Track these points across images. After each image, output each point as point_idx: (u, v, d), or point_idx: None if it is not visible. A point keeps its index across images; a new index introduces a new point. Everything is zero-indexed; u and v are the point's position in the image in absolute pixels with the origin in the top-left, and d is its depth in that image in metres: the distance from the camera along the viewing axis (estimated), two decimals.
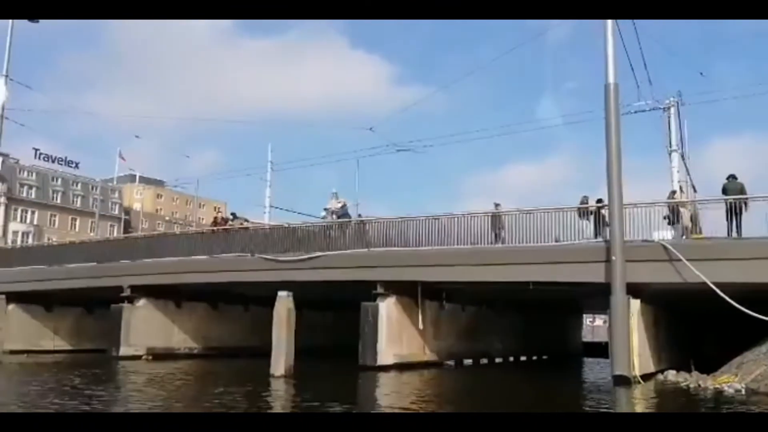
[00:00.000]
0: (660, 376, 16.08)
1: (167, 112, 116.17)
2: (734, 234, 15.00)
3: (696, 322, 22.33)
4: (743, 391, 13.06)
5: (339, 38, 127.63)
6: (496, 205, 18.39)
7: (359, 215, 22.50)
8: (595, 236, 16.15)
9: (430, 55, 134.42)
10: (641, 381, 14.76)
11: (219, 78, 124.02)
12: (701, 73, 63.43)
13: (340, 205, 21.92)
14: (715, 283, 13.92)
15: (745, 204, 15.13)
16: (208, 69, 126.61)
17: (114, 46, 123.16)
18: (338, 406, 11.06)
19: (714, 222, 15.66)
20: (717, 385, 13.87)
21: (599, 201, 16.52)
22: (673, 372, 16.10)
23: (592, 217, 16.50)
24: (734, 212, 15.00)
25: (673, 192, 18.15)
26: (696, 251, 14.56)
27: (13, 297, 25.03)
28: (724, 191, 15.63)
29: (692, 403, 12.67)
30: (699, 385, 14.30)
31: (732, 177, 15.93)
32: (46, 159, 70.40)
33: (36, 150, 69.36)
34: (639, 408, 12.57)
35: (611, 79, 15.84)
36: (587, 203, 16.97)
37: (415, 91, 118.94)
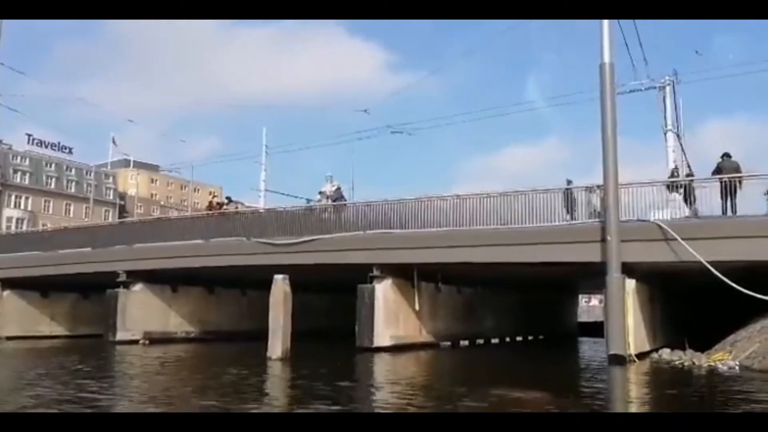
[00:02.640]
0: (655, 355, 16.19)
1: (163, 99, 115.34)
2: (729, 212, 15.03)
3: (691, 301, 22.46)
4: (737, 369, 13.17)
5: (336, 26, 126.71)
6: (569, 181, 17.38)
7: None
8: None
9: (427, 41, 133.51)
10: (636, 360, 14.88)
11: (215, 65, 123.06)
12: (697, 52, 62.94)
13: (334, 188, 21.90)
14: (710, 262, 13.98)
15: (740, 182, 15.15)
16: (205, 56, 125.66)
17: (109, 34, 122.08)
18: (337, 387, 11.20)
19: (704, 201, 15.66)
20: (711, 363, 13.97)
21: (689, 175, 16.03)
22: (668, 350, 16.19)
23: (681, 190, 15.86)
24: (729, 191, 15.02)
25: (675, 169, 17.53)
26: (691, 230, 14.58)
27: (8, 283, 25.01)
28: (720, 170, 15.63)
29: (687, 381, 12.77)
30: (693, 363, 14.40)
31: (726, 155, 15.93)
32: (39, 144, 69.86)
33: (29, 135, 68.85)
34: (633, 386, 12.70)
35: (606, 59, 15.74)
36: (677, 176, 16.46)
37: (412, 78, 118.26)
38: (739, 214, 14.94)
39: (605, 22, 15.73)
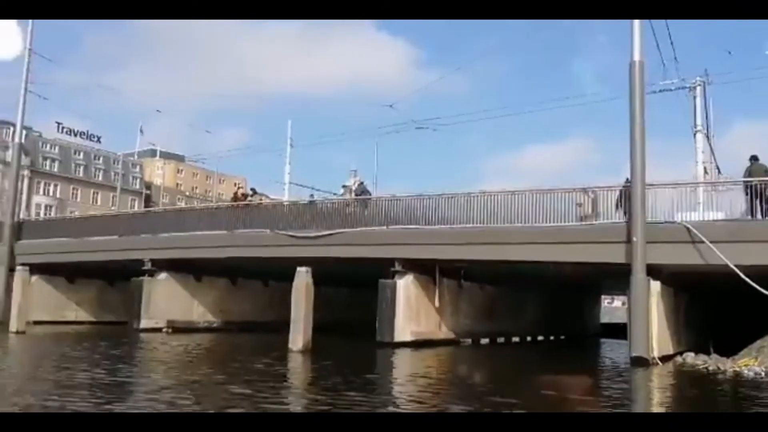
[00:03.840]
0: (679, 358, 16.01)
1: (190, 90, 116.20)
2: (758, 216, 14.76)
3: (716, 305, 22.12)
4: (763, 375, 12.97)
5: (363, 21, 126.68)
6: (627, 180, 16.10)
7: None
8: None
9: (454, 38, 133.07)
10: (659, 362, 14.73)
11: (242, 57, 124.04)
12: (729, 52, 61.89)
13: (357, 183, 21.97)
14: (737, 266, 13.77)
15: None
16: (232, 48, 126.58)
17: (138, 26, 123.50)
18: (362, 380, 11.26)
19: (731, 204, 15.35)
20: (736, 368, 13.78)
21: None
22: (692, 354, 16.00)
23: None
24: (758, 194, 14.73)
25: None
26: (719, 233, 14.37)
27: (36, 269, 25.42)
28: (750, 173, 15.36)
29: (710, 385, 12.62)
30: (718, 368, 14.21)
31: (754, 158, 15.64)
32: (68, 133, 70.88)
33: (59, 124, 69.89)
34: (656, 389, 12.58)
35: (636, 57, 15.54)
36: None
37: (438, 73, 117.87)
38: None
39: (636, 20, 15.51)
